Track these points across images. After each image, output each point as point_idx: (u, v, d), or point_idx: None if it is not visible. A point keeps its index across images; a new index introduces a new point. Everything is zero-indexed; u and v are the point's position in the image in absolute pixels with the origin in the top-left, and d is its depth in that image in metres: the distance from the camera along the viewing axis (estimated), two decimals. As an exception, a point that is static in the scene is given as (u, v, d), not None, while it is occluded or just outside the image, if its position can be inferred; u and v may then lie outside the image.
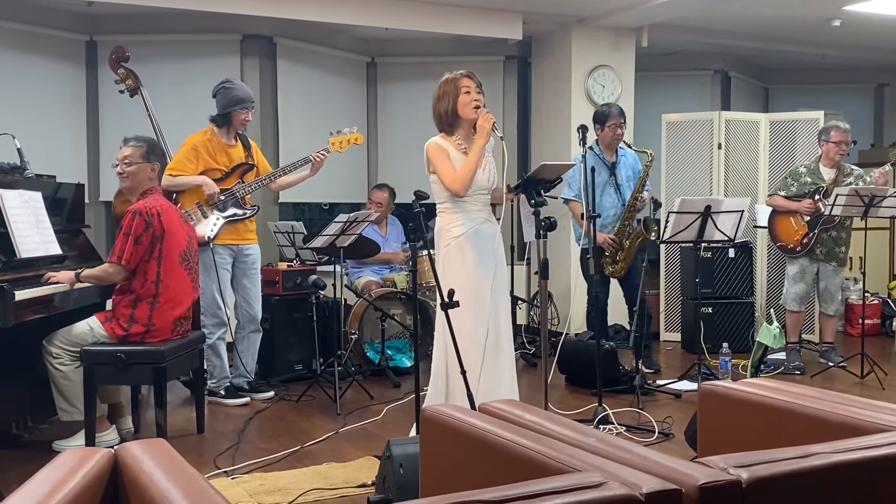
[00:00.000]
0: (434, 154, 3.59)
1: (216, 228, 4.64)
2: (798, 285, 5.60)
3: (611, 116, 5.19)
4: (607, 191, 5.23)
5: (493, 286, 3.52)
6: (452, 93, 3.61)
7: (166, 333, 3.77)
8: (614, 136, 5.17)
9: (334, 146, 4.87)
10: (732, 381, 2.19)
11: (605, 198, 5.24)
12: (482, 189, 3.60)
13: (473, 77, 3.61)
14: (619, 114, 5.20)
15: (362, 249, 5.55)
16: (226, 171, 4.71)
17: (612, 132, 5.18)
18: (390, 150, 7.23)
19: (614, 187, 5.19)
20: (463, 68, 3.71)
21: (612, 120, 5.18)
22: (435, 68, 7.01)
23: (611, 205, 5.22)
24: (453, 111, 3.61)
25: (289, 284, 5.35)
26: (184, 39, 6.28)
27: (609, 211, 5.22)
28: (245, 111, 4.68)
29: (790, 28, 7.01)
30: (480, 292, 3.47)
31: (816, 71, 8.52)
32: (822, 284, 5.67)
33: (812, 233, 5.49)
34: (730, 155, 6.63)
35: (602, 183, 5.23)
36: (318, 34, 6.64)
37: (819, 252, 5.57)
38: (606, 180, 5.24)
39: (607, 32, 6.74)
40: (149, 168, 3.83)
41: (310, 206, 7.38)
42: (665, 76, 7.83)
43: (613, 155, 5.25)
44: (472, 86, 3.59)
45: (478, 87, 3.60)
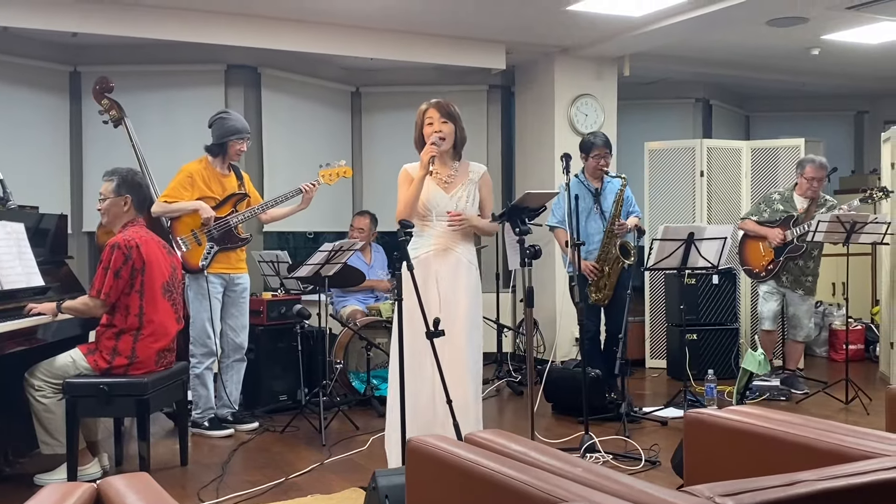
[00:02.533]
0: (399, 178, 3.71)
1: (209, 257, 4.64)
2: (770, 303, 5.66)
3: (595, 147, 5.22)
4: (592, 217, 5.26)
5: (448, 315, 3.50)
6: (418, 124, 3.73)
7: (150, 365, 3.74)
8: (597, 166, 5.20)
9: (324, 178, 4.90)
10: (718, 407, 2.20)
11: (591, 224, 5.26)
12: (446, 216, 3.65)
13: (440, 108, 3.67)
14: (604, 144, 5.23)
15: (347, 278, 5.54)
16: (219, 199, 4.73)
17: (595, 162, 5.22)
18: (375, 180, 7.25)
19: (599, 214, 5.22)
20: (446, 97, 3.77)
21: (595, 150, 5.21)
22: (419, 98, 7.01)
23: (596, 231, 5.24)
24: (420, 140, 3.73)
25: (273, 314, 5.33)
26: (168, 70, 6.30)
27: (594, 237, 5.25)
28: (241, 142, 4.71)
29: (770, 57, 7.12)
30: (418, 321, 3.42)
31: (797, 99, 8.64)
32: (790, 310, 5.73)
33: (777, 259, 5.56)
34: (712, 182, 6.69)
35: (587, 209, 5.26)
36: (302, 64, 6.68)
37: (785, 279, 5.64)
38: (591, 207, 5.26)
39: (590, 62, 6.82)
40: (121, 202, 3.81)
41: (294, 234, 7.38)
42: (647, 104, 7.92)
43: (599, 182, 5.28)
44: (434, 117, 3.67)
45: (444, 118, 3.66)
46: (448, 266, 3.63)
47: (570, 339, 6.62)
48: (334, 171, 4.92)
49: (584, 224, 5.23)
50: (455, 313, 3.59)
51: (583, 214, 5.22)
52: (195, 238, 4.64)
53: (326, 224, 7.11)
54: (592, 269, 5.14)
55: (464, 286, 3.65)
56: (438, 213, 3.63)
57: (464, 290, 3.64)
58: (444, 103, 3.69)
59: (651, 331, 6.78)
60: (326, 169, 4.91)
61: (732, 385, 5.33)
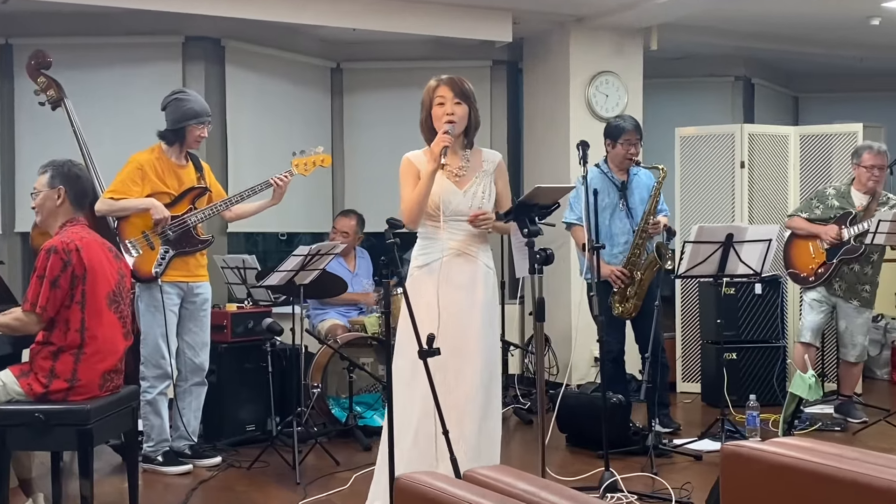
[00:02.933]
0: (401, 171, 3.66)
1: (164, 262, 4.63)
2: (814, 314, 5.66)
3: (624, 132, 5.23)
4: (617, 215, 5.26)
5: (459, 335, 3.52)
6: (426, 103, 3.67)
7: (93, 390, 3.73)
8: (626, 154, 5.21)
9: (298, 168, 4.89)
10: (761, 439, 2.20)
11: (615, 223, 5.26)
12: (461, 215, 3.62)
13: (454, 85, 3.63)
14: (634, 129, 5.24)
15: (326, 287, 5.54)
16: (175, 195, 4.73)
17: (624, 150, 5.22)
18: (359, 171, 7.25)
19: (625, 211, 5.22)
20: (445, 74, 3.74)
21: (625, 136, 5.22)
22: (410, 75, 7.10)
23: (621, 231, 5.25)
24: (428, 124, 3.67)
25: (239, 329, 5.32)
26: (115, 42, 6.29)
27: (619, 238, 5.25)
28: (201, 127, 4.71)
29: (822, 27, 7.13)
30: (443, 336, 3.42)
31: (853, 77, 8.65)
32: (841, 325, 5.73)
33: (830, 262, 5.55)
34: (754, 174, 6.71)
35: (611, 206, 5.26)
36: (273, 36, 6.68)
37: (838, 287, 5.63)
38: (616, 203, 5.27)
39: (610, 34, 6.83)
40: (53, 195, 3.80)
41: (264, 236, 7.38)
42: (678, 84, 7.93)
43: (625, 174, 5.29)
44: (447, 96, 3.62)
45: (458, 98, 3.62)
46: (466, 274, 3.63)
47: (587, 359, 6.62)
48: (310, 160, 4.91)
49: (606, 223, 5.24)
50: (472, 329, 3.60)
51: (605, 211, 5.23)
52: (147, 241, 4.64)
53: (302, 223, 7.11)
54: (620, 274, 5.14)
55: (482, 299, 3.65)
56: (451, 213, 3.61)
57: (482, 301, 3.65)
58: (457, 80, 3.66)
59: (683, 349, 6.79)
60: (301, 157, 4.91)
61: (778, 413, 5.33)
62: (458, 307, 3.58)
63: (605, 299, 5.19)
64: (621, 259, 5.23)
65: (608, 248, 5.24)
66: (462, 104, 3.63)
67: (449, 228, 3.62)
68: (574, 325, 6.48)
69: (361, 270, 6.38)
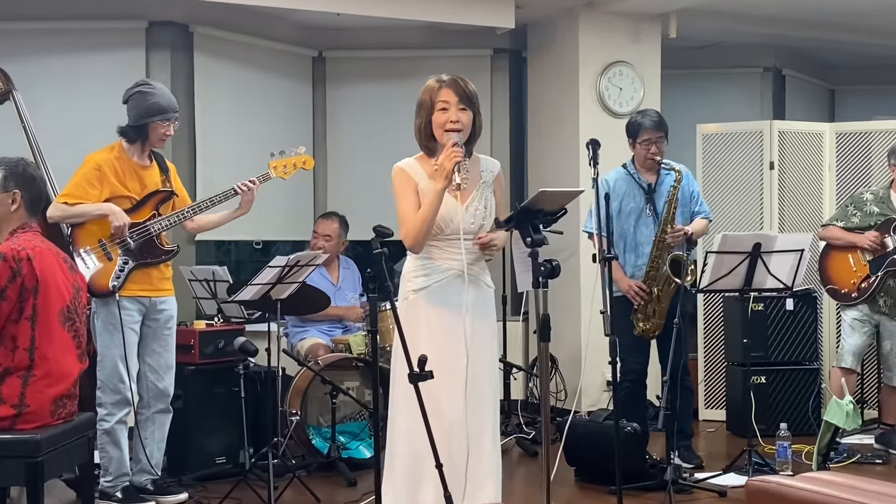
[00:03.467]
0: (396, 185, 3.66)
1: (123, 275, 4.62)
2: (857, 335, 5.66)
3: (642, 129, 5.23)
4: (643, 221, 5.26)
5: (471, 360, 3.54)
6: (427, 106, 3.66)
7: (44, 417, 3.72)
8: (647, 154, 5.21)
9: (276, 171, 4.90)
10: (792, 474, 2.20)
11: (641, 230, 5.26)
12: (464, 234, 3.63)
13: (457, 87, 3.63)
14: (656, 126, 5.24)
15: (307, 302, 5.54)
16: (137, 199, 4.73)
17: (644, 150, 5.22)
18: (344, 171, 7.26)
19: (653, 216, 5.23)
20: (436, 64, 3.76)
21: (644, 134, 5.22)
22: (401, 65, 7.12)
23: (647, 239, 5.25)
24: (426, 130, 3.67)
25: (208, 349, 5.31)
26: (70, 28, 6.29)
27: (645, 247, 5.26)
28: (166, 123, 4.71)
29: (861, 13, 7.14)
30: (445, 364, 3.45)
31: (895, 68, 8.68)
32: (885, 345, 5.74)
33: (874, 276, 5.56)
34: (786, 176, 6.72)
35: (636, 210, 5.27)
36: (247, 21, 6.69)
37: (882, 303, 5.64)
38: (642, 207, 5.27)
39: (625, 20, 6.85)
40: (7, 199, 3.80)
41: (237, 244, 7.39)
42: (700, 75, 7.95)
43: (653, 175, 5.29)
44: (451, 101, 3.61)
45: (463, 103, 3.62)
46: (469, 295, 3.63)
47: (599, 383, 6.62)
48: (289, 162, 4.92)
49: (630, 230, 5.25)
50: (478, 355, 3.62)
51: (630, 217, 5.25)
52: (104, 250, 4.63)
53: (279, 230, 7.11)
54: (638, 290, 5.14)
55: (484, 322, 3.69)
56: (451, 231, 3.62)
57: (485, 324, 3.69)
58: (461, 81, 3.65)
59: (706, 372, 6.78)
60: (279, 159, 4.91)
61: (812, 444, 5.33)
62: (461, 332, 3.58)
63: (625, 316, 5.19)
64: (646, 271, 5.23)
65: (632, 258, 5.25)
66: (467, 110, 3.64)
67: (448, 248, 3.63)
68: (584, 344, 6.48)
69: (346, 282, 6.38)
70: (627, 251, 5.30)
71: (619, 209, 5.25)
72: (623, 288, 5.16)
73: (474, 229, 3.67)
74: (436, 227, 3.60)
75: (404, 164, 3.69)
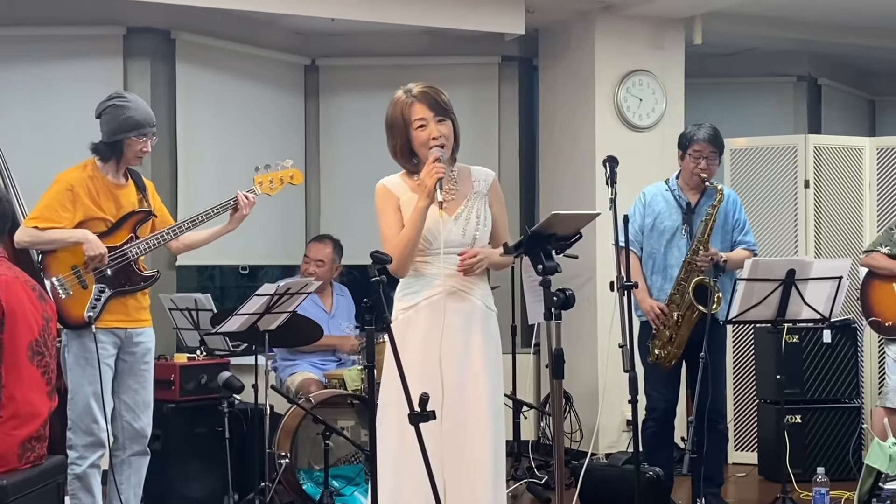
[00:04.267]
0: (378, 203, 3.72)
1: (99, 304, 4.61)
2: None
3: (694, 142, 5.23)
4: (676, 242, 5.26)
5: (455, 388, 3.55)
6: (400, 126, 3.70)
7: (11, 461, 3.73)
8: (695, 168, 5.21)
9: (262, 187, 4.90)
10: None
11: (673, 251, 5.25)
12: (454, 247, 3.67)
13: (429, 99, 3.67)
14: (710, 140, 5.23)
15: (297, 334, 5.53)
16: (113, 221, 4.71)
17: (693, 162, 5.22)
18: (338, 190, 7.27)
19: (688, 238, 5.23)
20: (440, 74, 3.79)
21: (695, 146, 5.22)
22: (401, 74, 7.04)
23: (677, 262, 5.23)
24: (404, 150, 3.72)
25: (189, 385, 5.32)
26: (41, 34, 6.32)
27: (673, 271, 5.24)
28: (143, 139, 4.69)
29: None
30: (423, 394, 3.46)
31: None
32: None
33: None
34: (822, 196, 6.72)
35: (670, 230, 5.26)
36: (233, 27, 6.72)
37: None
38: (678, 226, 5.26)
39: (645, 24, 6.87)
40: None
41: (221, 270, 7.39)
42: (728, 85, 7.97)
43: (696, 194, 5.29)
44: (428, 116, 3.66)
45: (440, 115, 3.66)
46: (461, 316, 3.66)
47: (618, 423, 6.61)
48: (276, 177, 4.92)
49: (661, 251, 5.26)
50: (469, 385, 3.63)
51: (662, 237, 5.26)
52: (78, 278, 4.61)
53: (267, 254, 7.11)
54: (659, 312, 5.15)
55: (481, 344, 3.69)
56: (441, 245, 3.64)
57: (481, 348, 3.69)
58: (431, 92, 3.70)
59: (735, 410, 6.76)
60: (265, 173, 4.91)
61: (852, 490, 5.32)
62: (453, 355, 3.61)
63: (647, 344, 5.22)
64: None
65: (660, 281, 5.26)
66: (445, 121, 3.69)
67: (438, 263, 3.65)
68: (601, 380, 6.47)
69: (340, 311, 6.38)
70: (655, 273, 5.30)
71: (653, 226, 5.27)
72: (644, 308, 5.17)
73: (467, 242, 3.70)
74: (423, 241, 3.65)
75: (387, 181, 3.75)
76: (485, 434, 3.65)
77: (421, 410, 3.15)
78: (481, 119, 7.30)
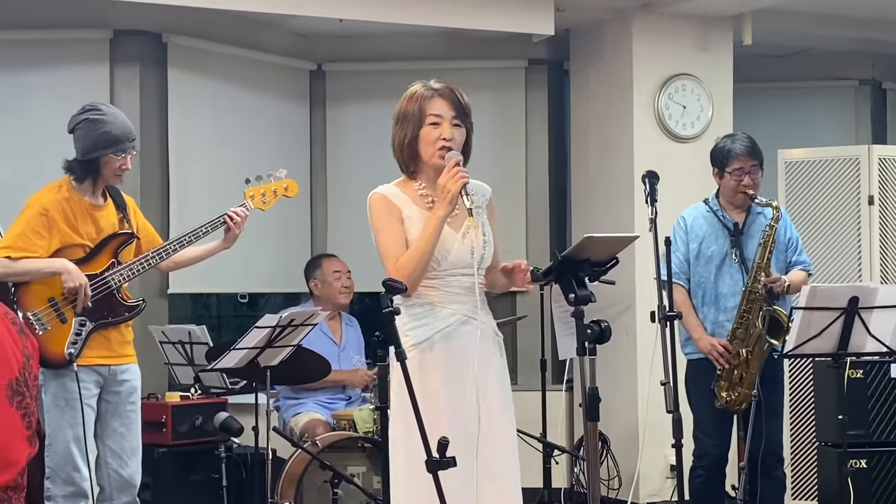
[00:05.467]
0: (375, 214, 3.70)
1: (80, 339, 4.61)
2: None
3: (733, 157, 5.22)
4: (727, 269, 5.24)
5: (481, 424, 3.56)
6: (414, 118, 3.68)
7: (-15, 512, 3.75)
8: (739, 187, 5.21)
9: (254, 200, 4.91)
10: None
11: (724, 279, 5.24)
12: (461, 267, 3.65)
13: (452, 97, 3.68)
14: (748, 152, 5.22)
15: (302, 370, 5.54)
16: (92, 246, 4.71)
17: (735, 181, 5.21)
18: (346, 209, 7.26)
19: (739, 263, 5.22)
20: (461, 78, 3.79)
21: (735, 162, 5.21)
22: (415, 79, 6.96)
23: (731, 290, 5.23)
24: (411, 145, 3.69)
25: (183, 427, 5.34)
26: (20, 38, 6.37)
27: (727, 300, 5.24)
28: (121, 156, 4.68)
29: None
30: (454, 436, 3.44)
31: None
32: None
33: None
34: (888, 214, 6.70)
35: (719, 255, 5.25)
36: (231, 29, 6.77)
37: None
38: (726, 252, 5.26)
39: (689, 24, 6.88)
40: None
41: (218, 298, 7.41)
42: (781, 90, 7.96)
43: (742, 212, 5.29)
44: (445, 114, 3.66)
45: (458, 118, 3.67)
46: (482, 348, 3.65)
47: (661, 469, 6.59)
48: (268, 189, 4.93)
49: (711, 279, 5.25)
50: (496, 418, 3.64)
51: (710, 263, 5.24)
52: (56, 311, 4.61)
53: (269, 280, 7.13)
54: (722, 351, 5.13)
55: (497, 375, 3.70)
56: (448, 265, 3.64)
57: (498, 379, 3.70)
58: (457, 93, 3.72)
59: (793, 454, 6.74)
60: (256, 186, 4.92)
61: (925, 544, 5.30)
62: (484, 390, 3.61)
63: (704, 384, 5.19)
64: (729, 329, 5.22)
65: (713, 313, 5.25)
66: (461, 126, 3.69)
67: (446, 287, 3.65)
68: (642, 421, 6.46)
69: (350, 343, 6.37)
70: (706, 304, 5.29)
71: (699, 253, 5.26)
72: (704, 348, 5.14)
73: (479, 263, 3.68)
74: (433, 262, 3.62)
75: (383, 189, 3.73)
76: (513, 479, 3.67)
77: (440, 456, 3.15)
78: (505, 130, 7.31)
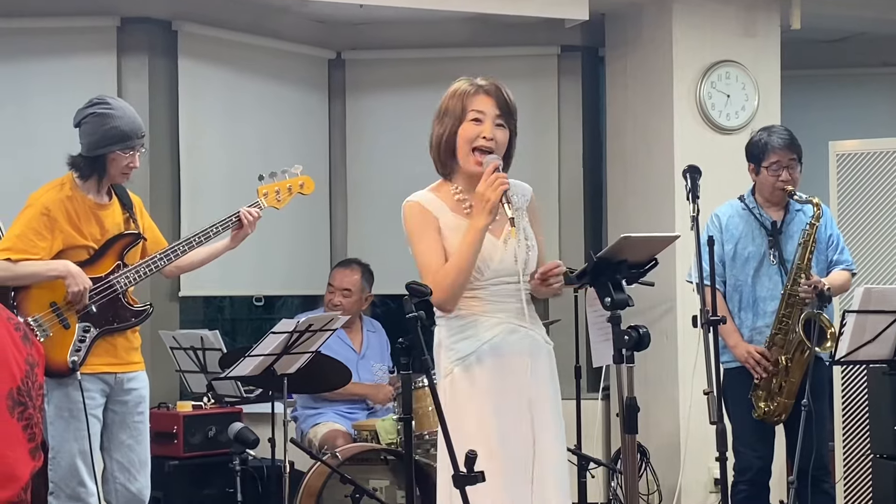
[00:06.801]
0: (412, 224, 3.68)
1: (84, 347, 4.63)
2: None
3: (770, 150, 5.20)
4: (765, 271, 5.22)
5: (535, 442, 3.57)
6: (455, 114, 3.66)
7: (-15, 530, 3.77)
8: (777, 182, 5.19)
9: (267, 198, 4.92)
10: None
11: (762, 281, 5.22)
12: (506, 275, 3.64)
13: (498, 95, 3.66)
14: (787, 146, 5.20)
15: (321, 377, 5.55)
16: (96, 248, 4.72)
17: (773, 177, 5.20)
18: (368, 206, 7.29)
19: (778, 264, 5.20)
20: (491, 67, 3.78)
21: (772, 156, 5.19)
22: (440, 68, 7.04)
23: (769, 294, 5.21)
24: (448, 141, 3.67)
25: (195, 439, 5.35)
26: (23, 27, 6.40)
27: (766, 304, 5.22)
28: (129, 153, 4.69)
29: None
30: (507, 456, 3.48)
31: None
32: None
33: None
34: (950, 210, 6.68)
35: (756, 256, 5.23)
36: (245, 15, 6.79)
37: None
38: (764, 252, 5.24)
39: (733, 6, 6.86)
40: None
41: (232, 301, 7.43)
42: (833, 78, 7.93)
43: (780, 210, 5.27)
44: (488, 111, 3.63)
45: (502, 118, 3.65)
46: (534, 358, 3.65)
47: (704, 482, 6.57)
48: (283, 186, 4.94)
49: (748, 282, 5.23)
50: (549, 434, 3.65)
51: (748, 265, 5.23)
52: (59, 317, 4.62)
53: (287, 283, 7.14)
54: (760, 358, 5.12)
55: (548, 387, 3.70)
56: (492, 273, 3.63)
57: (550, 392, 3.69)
58: (504, 91, 3.68)
59: (846, 466, 6.72)
60: (270, 183, 4.93)
61: None
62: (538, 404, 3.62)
63: (743, 394, 5.17)
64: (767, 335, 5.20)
65: (750, 318, 5.23)
66: (504, 127, 3.66)
67: (492, 297, 3.63)
68: (684, 432, 6.45)
69: (371, 350, 6.38)
70: (744, 309, 5.27)
71: (735, 254, 5.24)
72: (740, 356, 5.12)
73: (524, 270, 3.65)
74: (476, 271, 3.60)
75: (420, 197, 3.70)
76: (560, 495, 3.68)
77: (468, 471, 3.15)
78: (537, 121, 7.29)
